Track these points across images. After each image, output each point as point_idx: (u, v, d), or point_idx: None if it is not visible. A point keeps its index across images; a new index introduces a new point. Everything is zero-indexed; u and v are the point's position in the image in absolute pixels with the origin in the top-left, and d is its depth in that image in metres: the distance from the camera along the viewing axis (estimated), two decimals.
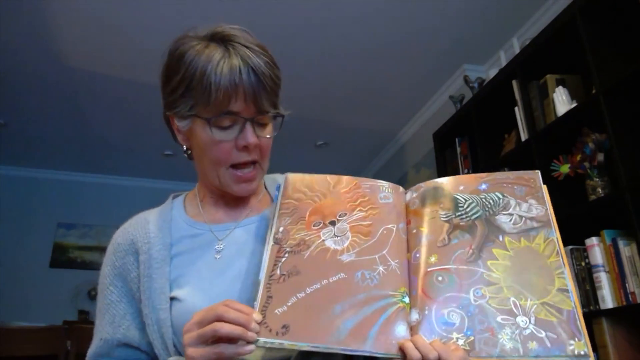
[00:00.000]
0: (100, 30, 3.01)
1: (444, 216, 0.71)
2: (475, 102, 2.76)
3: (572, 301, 0.62)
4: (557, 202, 2.08)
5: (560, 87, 2.16)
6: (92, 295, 4.83)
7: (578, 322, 0.60)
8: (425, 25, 2.99)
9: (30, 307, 4.50)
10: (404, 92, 3.76)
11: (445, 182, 0.75)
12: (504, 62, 2.67)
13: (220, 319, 0.59)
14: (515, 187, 0.73)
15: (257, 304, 0.64)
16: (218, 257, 0.78)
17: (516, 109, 2.42)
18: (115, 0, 2.75)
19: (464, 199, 0.72)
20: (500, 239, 0.68)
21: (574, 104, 2.07)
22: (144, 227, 0.82)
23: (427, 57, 3.32)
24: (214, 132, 0.75)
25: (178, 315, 0.73)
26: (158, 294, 0.75)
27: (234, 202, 0.85)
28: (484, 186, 0.74)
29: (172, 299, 0.75)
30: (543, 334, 0.59)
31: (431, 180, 0.76)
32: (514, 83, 2.43)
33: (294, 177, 0.79)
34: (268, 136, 0.79)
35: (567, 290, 0.62)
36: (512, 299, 0.62)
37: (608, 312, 1.79)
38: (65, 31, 3.02)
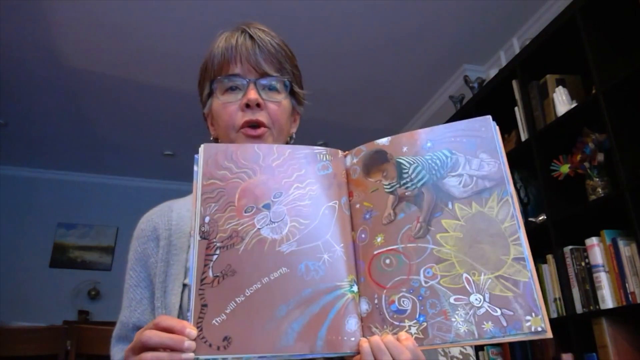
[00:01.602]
0: (100, 30, 3.01)
1: (388, 187, 0.64)
2: (475, 102, 2.76)
3: (529, 270, 0.57)
4: (557, 202, 2.10)
5: (560, 87, 2.16)
6: (92, 295, 4.83)
7: (535, 294, 0.56)
8: (426, 25, 2.99)
9: (30, 307, 4.50)
10: (404, 92, 3.76)
11: (387, 143, 0.67)
12: (504, 62, 2.68)
13: (146, 347, 0.55)
14: (465, 139, 0.65)
15: (191, 314, 0.57)
16: None
17: (516, 109, 2.43)
18: (115, 0, 2.75)
19: (409, 163, 0.65)
20: (450, 206, 0.61)
21: (574, 104, 2.07)
22: (167, 214, 0.84)
23: (427, 57, 3.32)
24: (220, 97, 0.81)
25: (187, 301, 0.74)
26: (173, 280, 0.77)
27: None
28: (429, 144, 0.65)
29: (185, 285, 0.76)
30: (499, 312, 0.56)
31: (372, 142, 0.68)
32: (514, 83, 2.43)
33: (214, 149, 0.66)
34: (276, 101, 0.82)
35: (523, 259, 0.58)
36: (465, 275, 0.58)
37: (608, 312, 1.79)
38: (65, 31, 3.02)
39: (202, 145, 0.66)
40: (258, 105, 0.79)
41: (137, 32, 3.03)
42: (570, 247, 1.96)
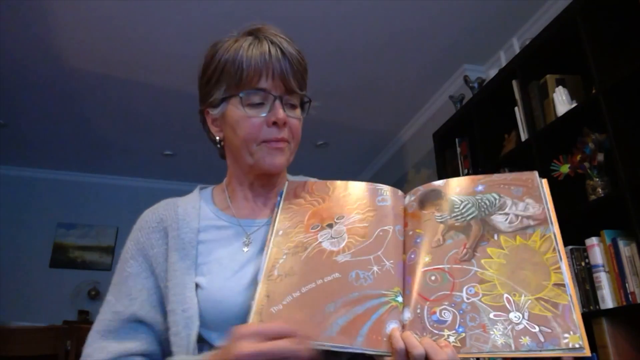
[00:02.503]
0: (100, 30, 3.01)
1: (440, 217, 0.71)
2: (475, 102, 2.76)
3: (569, 295, 0.60)
4: (557, 202, 2.09)
5: (560, 87, 2.16)
6: (92, 295, 4.83)
7: (574, 315, 0.59)
8: (426, 25, 2.99)
9: (30, 307, 4.51)
10: (404, 92, 3.76)
11: (442, 184, 0.76)
12: (504, 62, 2.67)
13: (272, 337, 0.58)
14: (512, 187, 0.72)
15: (254, 302, 0.67)
16: (246, 250, 0.80)
17: (516, 109, 2.43)
18: (115, 0, 2.75)
19: (460, 201, 0.73)
20: (496, 237, 0.67)
21: (574, 104, 2.07)
22: (173, 209, 0.83)
23: (427, 57, 3.32)
24: (246, 109, 0.79)
25: (198, 302, 0.74)
26: (184, 274, 0.76)
27: (262, 195, 0.88)
28: (480, 187, 0.73)
29: (196, 285, 0.76)
30: (537, 329, 0.58)
31: (429, 184, 0.77)
32: (514, 83, 2.43)
33: (295, 184, 0.83)
34: (297, 117, 0.82)
35: (563, 285, 0.61)
36: (506, 295, 0.61)
37: (608, 312, 1.79)
38: (65, 31, 3.02)
39: (286, 182, 0.85)
40: (284, 123, 0.79)
41: (137, 32, 3.03)
42: (570, 247, 1.96)
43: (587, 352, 0.57)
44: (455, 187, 0.75)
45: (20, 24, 2.92)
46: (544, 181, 0.72)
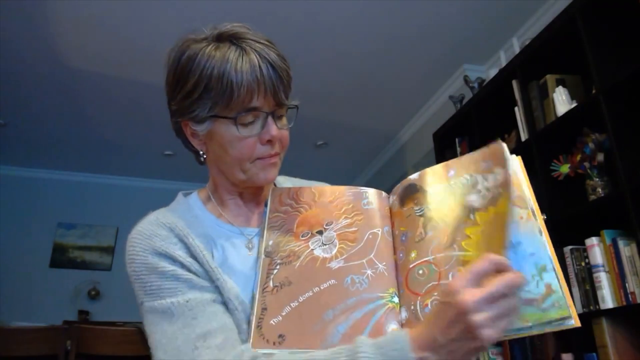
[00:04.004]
0: (100, 30, 3.01)
1: (419, 211, 0.73)
2: (475, 102, 2.76)
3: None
4: (557, 202, 2.10)
5: (560, 87, 2.16)
6: (92, 295, 4.83)
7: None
8: (425, 25, 2.99)
9: (30, 307, 4.50)
10: (404, 92, 3.76)
11: (417, 177, 0.77)
12: (504, 62, 2.67)
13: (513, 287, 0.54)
14: (481, 162, 0.71)
15: (253, 316, 0.68)
16: (251, 254, 0.80)
17: (516, 109, 2.43)
18: (115, 0, 2.75)
19: (435, 190, 0.74)
20: (472, 217, 0.67)
21: (574, 104, 2.07)
22: (173, 220, 0.78)
23: (427, 57, 3.32)
24: (240, 129, 0.75)
25: None
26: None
27: (253, 201, 0.87)
28: (452, 172, 0.74)
29: None
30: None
31: (405, 179, 0.78)
32: (514, 83, 2.43)
33: (279, 191, 0.83)
34: (286, 128, 0.81)
35: None
36: None
37: (608, 312, 1.79)
38: (65, 31, 3.02)
39: (271, 189, 0.84)
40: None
41: (136, 32, 3.03)
42: (570, 247, 1.96)
43: (575, 323, 0.58)
44: (430, 178, 0.75)
45: (20, 23, 2.93)
46: (520, 160, 0.71)
